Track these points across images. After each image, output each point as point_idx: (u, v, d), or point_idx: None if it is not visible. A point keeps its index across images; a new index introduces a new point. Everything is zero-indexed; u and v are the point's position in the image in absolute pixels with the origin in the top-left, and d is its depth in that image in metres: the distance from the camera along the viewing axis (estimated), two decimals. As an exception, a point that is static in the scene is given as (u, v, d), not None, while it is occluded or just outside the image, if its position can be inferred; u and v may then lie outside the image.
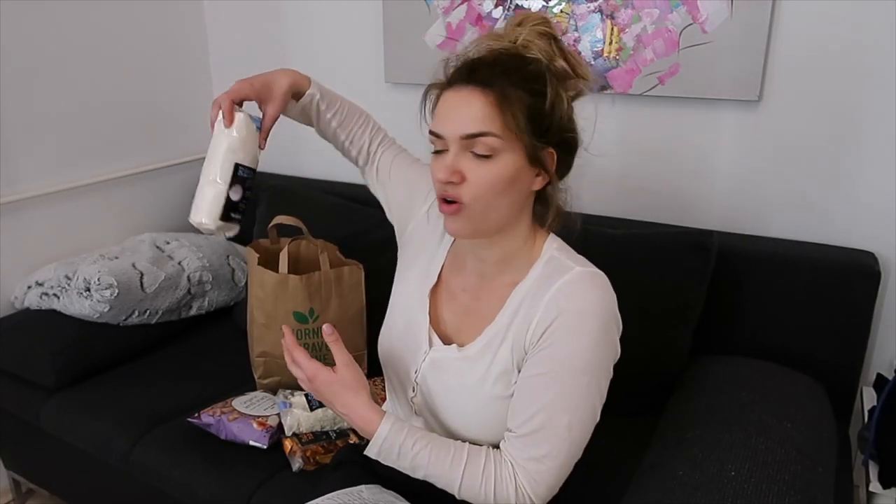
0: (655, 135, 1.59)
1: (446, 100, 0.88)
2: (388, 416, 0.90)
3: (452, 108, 0.86)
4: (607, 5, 1.53)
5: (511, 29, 0.90)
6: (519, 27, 0.89)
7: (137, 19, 2.00)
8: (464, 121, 0.84)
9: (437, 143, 0.88)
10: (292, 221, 1.58)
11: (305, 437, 1.31)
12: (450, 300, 1.00)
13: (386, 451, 0.90)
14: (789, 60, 1.41)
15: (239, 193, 0.99)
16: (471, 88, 0.85)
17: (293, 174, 2.16)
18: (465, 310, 0.98)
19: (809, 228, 1.47)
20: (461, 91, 0.86)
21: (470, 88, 0.85)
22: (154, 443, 1.42)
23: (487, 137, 0.84)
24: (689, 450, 1.07)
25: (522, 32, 0.88)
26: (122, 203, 2.06)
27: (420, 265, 1.05)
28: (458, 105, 0.86)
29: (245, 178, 1.00)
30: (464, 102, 0.85)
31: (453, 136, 0.85)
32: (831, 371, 1.34)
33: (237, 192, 0.99)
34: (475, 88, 0.85)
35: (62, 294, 1.66)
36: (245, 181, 1.00)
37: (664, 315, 1.38)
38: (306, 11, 2.01)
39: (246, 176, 1.00)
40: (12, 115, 1.75)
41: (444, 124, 0.86)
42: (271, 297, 1.48)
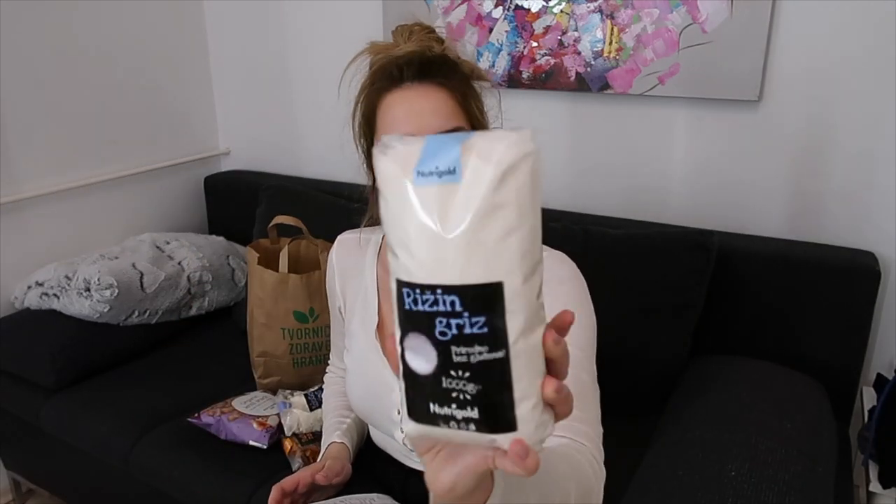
0: (655, 135, 1.59)
1: (401, 99, 0.84)
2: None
3: (414, 106, 0.83)
4: (607, 5, 1.53)
5: (406, 37, 0.87)
6: (413, 36, 0.87)
7: (137, 19, 2.00)
8: (435, 116, 0.81)
9: None
10: (292, 221, 1.58)
11: (305, 437, 1.31)
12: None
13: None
14: (789, 60, 1.41)
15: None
16: (428, 84, 0.82)
17: (293, 174, 2.16)
18: None
19: (809, 228, 1.47)
20: (418, 88, 0.83)
21: (427, 85, 0.82)
22: (154, 443, 1.42)
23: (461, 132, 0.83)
24: (689, 450, 1.07)
25: (419, 40, 0.86)
26: (122, 203, 2.06)
27: (358, 309, 1.04)
28: (422, 102, 0.82)
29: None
30: (427, 99, 0.82)
31: (426, 133, 0.83)
32: (831, 371, 1.34)
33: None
34: (433, 85, 0.82)
35: (62, 294, 1.66)
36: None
37: (664, 315, 1.38)
38: (306, 12, 2.01)
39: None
40: (12, 115, 1.75)
41: (410, 124, 0.82)
42: (271, 296, 1.48)
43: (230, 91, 2.26)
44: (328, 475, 1.01)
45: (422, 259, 0.42)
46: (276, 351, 1.50)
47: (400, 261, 0.43)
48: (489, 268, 0.41)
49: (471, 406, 0.42)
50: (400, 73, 0.84)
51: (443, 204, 0.41)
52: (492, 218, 0.40)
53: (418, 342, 0.43)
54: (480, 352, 0.41)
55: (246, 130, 2.29)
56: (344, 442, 1.10)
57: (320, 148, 2.14)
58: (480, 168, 0.40)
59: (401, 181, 0.42)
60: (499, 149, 0.40)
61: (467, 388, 0.42)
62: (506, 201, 0.40)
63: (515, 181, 0.40)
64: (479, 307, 0.41)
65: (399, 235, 0.43)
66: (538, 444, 0.43)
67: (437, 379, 0.43)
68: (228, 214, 2.18)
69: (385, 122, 0.86)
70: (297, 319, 1.49)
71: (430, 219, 0.41)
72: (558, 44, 1.61)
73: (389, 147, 0.43)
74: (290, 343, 1.49)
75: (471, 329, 0.41)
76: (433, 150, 0.41)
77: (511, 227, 0.40)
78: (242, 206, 2.04)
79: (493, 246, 0.41)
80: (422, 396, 0.44)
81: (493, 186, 0.40)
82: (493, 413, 0.42)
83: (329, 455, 1.08)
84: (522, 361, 0.42)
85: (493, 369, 0.42)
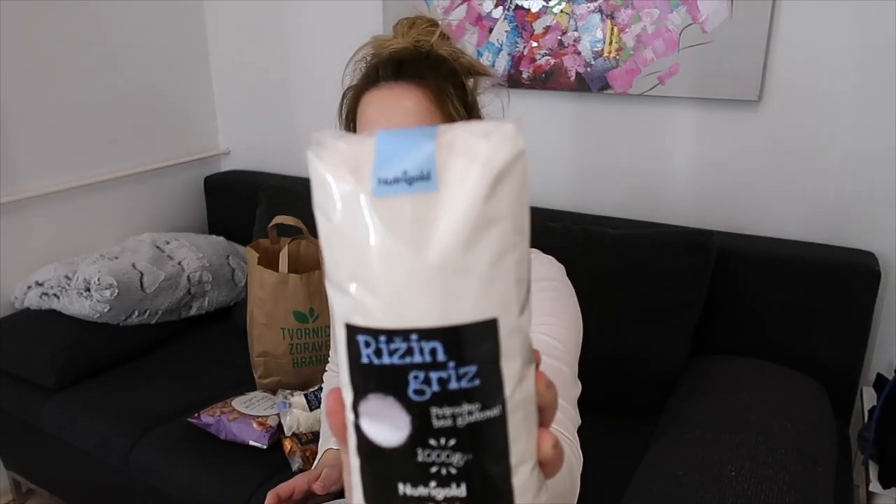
0: (655, 135, 1.59)
1: (375, 99, 0.84)
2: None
3: (387, 106, 0.82)
4: (607, 5, 1.53)
5: (405, 31, 0.87)
6: (412, 30, 0.87)
7: (137, 19, 2.00)
8: (406, 117, 0.81)
9: None
10: (292, 221, 1.58)
11: (305, 437, 1.31)
12: None
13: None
14: (789, 60, 1.41)
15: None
16: (403, 84, 0.81)
17: (293, 174, 2.16)
18: None
19: (810, 228, 1.47)
20: (393, 88, 0.82)
21: (402, 84, 0.81)
22: (154, 443, 1.42)
23: (425, 127, 0.82)
24: (689, 450, 1.07)
25: (418, 34, 0.86)
26: (122, 203, 2.06)
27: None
28: (394, 102, 0.82)
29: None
30: (400, 99, 0.81)
31: None
32: (831, 371, 1.34)
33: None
34: (408, 84, 0.81)
35: (62, 294, 1.66)
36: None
37: (664, 315, 1.38)
38: (306, 12, 2.01)
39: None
40: (13, 115, 1.75)
41: (382, 124, 0.82)
42: (271, 296, 1.48)
43: (230, 91, 2.26)
44: (325, 484, 1.00)
45: (388, 296, 0.31)
46: (276, 351, 1.50)
47: (351, 299, 0.32)
48: (480, 301, 0.31)
49: (457, 482, 0.32)
50: (377, 73, 0.84)
51: (416, 220, 0.31)
52: (483, 236, 0.31)
53: (382, 406, 0.32)
54: (470, 411, 0.32)
55: (246, 130, 2.29)
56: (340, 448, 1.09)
57: (320, 148, 2.14)
58: (465, 171, 0.31)
59: (353, 193, 0.31)
60: (486, 146, 0.31)
61: (452, 460, 0.32)
62: (500, 213, 0.31)
63: (510, 187, 0.31)
64: (469, 354, 0.31)
65: (350, 266, 0.32)
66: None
67: (410, 451, 0.32)
68: (228, 214, 2.18)
69: (362, 123, 0.85)
70: (297, 319, 1.49)
71: (401, 241, 0.31)
72: (558, 44, 1.61)
73: (325, 147, 0.33)
74: (290, 343, 1.49)
75: (457, 383, 0.31)
76: (392, 149, 0.32)
77: (506, 246, 0.32)
78: (242, 206, 2.04)
79: (485, 272, 0.31)
80: (386, 476, 0.33)
81: (484, 195, 0.31)
82: (485, 488, 0.33)
83: (326, 462, 1.07)
84: (520, 416, 0.33)
85: (486, 432, 0.32)
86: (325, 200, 0.32)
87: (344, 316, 0.32)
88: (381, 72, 0.84)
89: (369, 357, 0.32)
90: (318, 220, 0.33)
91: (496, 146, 0.31)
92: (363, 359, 0.32)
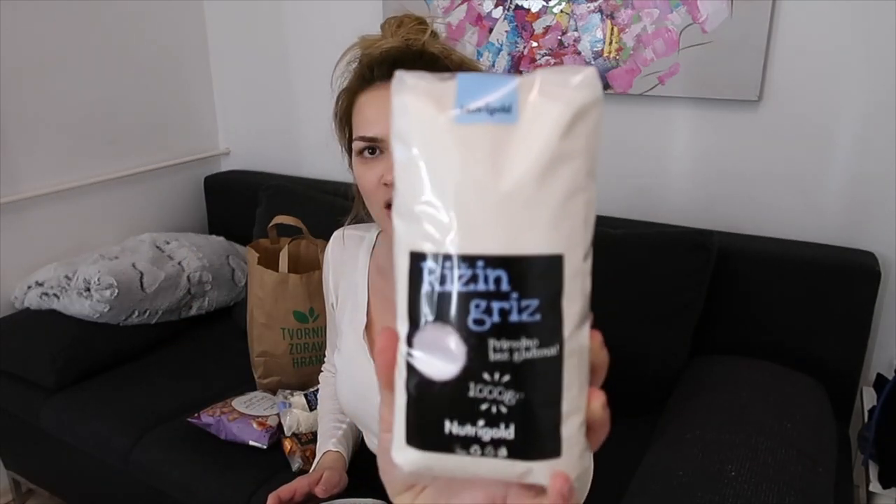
0: (655, 135, 1.59)
1: (371, 100, 0.84)
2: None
3: (383, 106, 0.82)
4: (607, 5, 1.53)
5: (394, 31, 0.87)
6: (400, 29, 0.87)
7: (137, 19, 2.00)
8: None
9: (367, 148, 0.85)
10: (292, 221, 1.58)
11: (305, 437, 1.31)
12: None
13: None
14: (789, 60, 1.41)
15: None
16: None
17: (293, 174, 2.16)
18: None
19: (809, 228, 1.47)
20: (388, 88, 0.82)
21: None
22: (154, 443, 1.42)
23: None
24: (689, 450, 1.07)
25: (407, 33, 0.85)
26: (122, 203, 2.06)
27: (348, 308, 1.04)
28: (390, 102, 0.82)
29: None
30: None
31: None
32: (831, 371, 1.34)
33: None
34: None
35: (62, 294, 1.66)
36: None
37: (664, 315, 1.38)
38: (306, 12, 2.01)
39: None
40: (13, 115, 1.75)
41: (380, 125, 0.82)
42: (271, 296, 1.48)
43: (230, 91, 2.26)
44: (327, 488, 1.01)
45: (459, 221, 0.31)
46: (276, 351, 1.50)
47: (420, 226, 0.32)
48: (549, 235, 0.31)
49: (506, 423, 0.32)
50: (371, 74, 0.84)
51: (494, 149, 0.31)
52: (557, 170, 0.31)
53: (439, 336, 0.32)
54: (528, 347, 0.31)
55: (246, 130, 2.29)
56: (339, 451, 1.10)
57: (320, 148, 2.13)
58: (545, 107, 0.31)
59: (434, 118, 0.32)
60: (566, 86, 0.32)
61: (504, 398, 0.32)
62: (575, 151, 0.31)
63: (586, 128, 0.32)
64: (533, 286, 0.31)
65: (424, 192, 0.32)
66: (576, 481, 0.33)
67: (462, 385, 0.32)
68: (228, 214, 2.18)
69: (357, 122, 0.86)
70: (297, 319, 1.49)
71: (477, 167, 0.31)
72: (558, 44, 1.61)
73: (407, 83, 0.33)
74: (290, 343, 1.49)
75: (518, 316, 0.31)
76: (474, 86, 0.32)
77: (579, 185, 0.32)
78: (242, 206, 2.04)
79: (556, 207, 0.31)
80: (433, 413, 0.33)
81: (561, 130, 0.31)
82: (535, 432, 0.32)
83: (325, 465, 1.07)
84: (574, 364, 0.32)
85: (541, 372, 0.32)
86: (406, 127, 0.33)
87: (409, 244, 0.32)
88: (375, 72, 0.84)
89: (431, 284, 0.32)
90: (396, 148, 0.33)
91: (576, 87, 0.32)
92: (425, 286, 0.32)
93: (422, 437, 0.33)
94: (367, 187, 0.86)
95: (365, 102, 0.85)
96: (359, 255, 1.05)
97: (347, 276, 1.05)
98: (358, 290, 1.03)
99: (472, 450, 0.32)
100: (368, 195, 0.87)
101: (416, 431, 0.33)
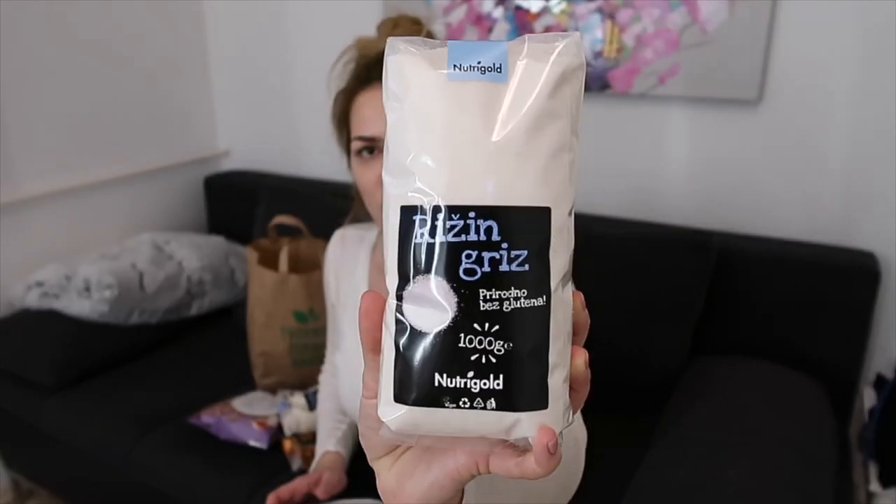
0: (655, 134, 1.59)
1: (368, 100, 0.85)
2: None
3: (380, 105, 0.83)
4: (607, 5, 1.53)
5: (390, 31, 0.88)
6: (396, 29, 0.87)
7: (137, 19, 2.00)
8: None
9: (366, 147, 0.85)
10: (292, 221, 1.58)
11: (305, 437, 1.31)
12: None
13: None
14: (789, 60, 1.41)
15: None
16: None
17: (293, 174, 2.16)
18: None
19: (809, 228, 1.47)
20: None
21: None
22: (154, 443, 1.42)
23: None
24: (690, 450, 1.07)
25: (403, 34, 0.87)
26: (122, 203, 2.06)
27: (349, 307, 1.04)
28: None
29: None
30: None
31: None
32: (831, 371, 1.34)
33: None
34: None
35: (62, 294, 1.66)
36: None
37: (664, 315, 1.38)
38: (306, 11, 2.01)
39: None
40: (13, 115, 1.75)
41: (378, 125, 0.83)
42: (271, 296, 1.48)
43: (230, 91, 2.26)
44: (328, 489, 1.01)
45: (451, 173, 0.32)
46: (276, 351, 1.50)
47: (412, 180, 0.33)
48: (538, 188, 0.32)
49: (494, 373, 0.32)
50: (368, 74, 0.85)
51: (485, 104, 0.33)
52: (545, 127, 0.33)
53: (430, 287, 0.32)
54: (517, 297, 0.32)
55: (246, 130, 2.29)
56: (339, 451, 1.10)
57: (320, 148, 2.13)
58: (534, 68, 0.33)
59: (428, 75, 0.33)
60: (554, 51, 0.33)
61: (493, 348, 0.32)
62: (560, 110, 0.33)
63: (571, 90, 0.34)
64: (523, 237, 0.32)
65: (417, 146, 0.33)
66: (560, 437, 0.33)
67: (453, 336, 0.32)
68: (228, 214, 2.18)
69: (355, 123, 0.86)
70: (297, 319, 1.49)
71: (469, 121, 0.32)
72: (558, 44, 1.61)
73: (399, 49, 0.35)
74: (290, 343, 1.49)
75: (508, 266, 0.32)
76: (466, 49, 0.34)
77: (563, 142, 0.33)
78: (242, 206, 2.04)
79: (543, 161, 0.33)
80: (423, 366, 0.33)
81: (549, 89, 0.33)
82: (523, 382, 0.32)
83: (325, 466, 1.07)
84: (560, 317, 0.33)
85: (529, 321, 0.32)
86: (400, 86, 0.34)
87: (400, 199, 0.33)
88: (372, 72, 0.85)
89: (423, 236, 0.33)
90: (389, 108, 0.35)
91: (563, 51, 0.34)
92: (416, 238, 0.33)
93: (410, 392, 0.33)
94: (366, 187, 0.87)
95: (362, 103, 0.86)
96: (359, 255, 1.05)
97: (348, 276, 1.06)
98: (359, 289, 1.03)
99: (462, 402, 0.32)
100: (368, 195, 0.87)
101: (405, 387, 0.33)
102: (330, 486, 1.01)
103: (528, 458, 0.34)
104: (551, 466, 0.33)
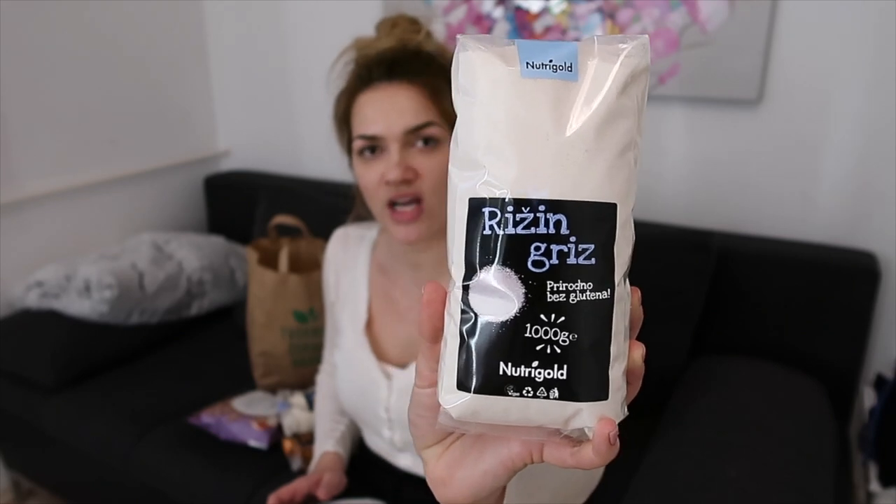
0: (655, 134, 1.58)
1: (370, 100, 0.85)
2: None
3: (383, 105, 0.83)
4: (607, 5, 1.53)
5: (388, 31, 0.88)
6: (395, 29, 0.88)
7: (137, 19, 2.00)
8: (402, 115, 0.82)
9: (367, 147, 0.85)
10: (292, 221, 1.58)
11: (305, 438, 1.31)
12: (397, 323, 0.99)
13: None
14: (789, 60, 1.41)
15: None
16: (397, 83, 0.83)
17: (293, 174, 2.16)
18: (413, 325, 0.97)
19: (809, 228, 1.47)
20: (387, 88, 0.83)
21: (396, 84, 0.83)
22: (154, 443, 1.42)
23: (432, 127, 0.82)
24: (689, 450, 1.07)
25: (402, 34, 0.87)
26: (122, 203, 2.06)
27: (349, 306, 1.04)
28: (390, 101, 0.83)
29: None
30: (395, 98, 0.82)
31: (394, 133, 0.82)
32: (831, 371, 1.34)
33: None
34: (402, 83, 0.83)
35: (62, 294, 1.66)
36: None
37: (664, 315, 1.38)
38: (306, 11, 2.01)
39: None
40: (13, 115, 1.74)
41: (379, 124, 0.83)
42: (271, 296, 1.48)
43: (230, 91, 2.26)
44: (329, 490, 1.01)
45: (522, 167, 0.33)
46: (276, 351, 1.50)
47: (483, 173, 0.34)
48: (604, 184, 0.33)
49: (558, 363, 0.33)
50: (369, 74, 0.85)
51: (556, 101, 0.33)
52: (614, 124, 0.34)
53: (498, 278, 0.33)
54: (583, 289, 0.33)
55: (246, 130, 2.29)
56: (338, 451, 1.10)
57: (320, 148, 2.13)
58: (604, 67, 0.34)
59: (500, 71, 0.34)
60: (624, 51, 0.34)
61: (559, 339, 0.33)
62: (628, 109, 0.34)
63: (638, 90, 0.35)
64: (590, 231, 0.33)
65: (488, 140, 0.34)
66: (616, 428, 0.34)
67: (519, 327, 0.33)
68: (228, 214, 2.18)
69: (357, 122, 0.87)
70: (297, 319, 1.49)
71: (540, 116, 0.33)
72: (558, 44, 1.61)
73: (469, 45, 0.35)
74: (290, 343, 1.49)
75: (575, 259, 0.33)
76: (536, 48, 0.35)
77: (630, 141, 0.34)
78: (242, 206, 2.04)
79: (611, 158, 0.33)
80: (488, 355, 0.33)
81: (618, 88, 0.34)
82: (585, 373, 0.33)
83: (325, 466, 1.07)
84: (621, 310, 0.34)
85: (594, 314, 0.33)
86: (472, 81, 0.35)
87: (469, 191, 0.34)
88: (373, 72, 0.85)
89: (492, 228, 0.33)
90: (460, 103, 0.35)
91: (631, 52, 0.34)
92: (485, 230, 0.34)
93: (474, 380, 0.34)
94: (368, 186, 0.87)
95: (364, 102, 0.86)
96: (360, 254, 1.05)
97: (348, 274, 1.06)
98: (359, 287, 1.03)
99: (525, 391, 0.33)
100: (370, 194, 0.87)
101: (468, 374, 0.34)
102: (331, 487, 1.02)
103: (584, 447, 0.34)
104: (610, 456, 0.34)
